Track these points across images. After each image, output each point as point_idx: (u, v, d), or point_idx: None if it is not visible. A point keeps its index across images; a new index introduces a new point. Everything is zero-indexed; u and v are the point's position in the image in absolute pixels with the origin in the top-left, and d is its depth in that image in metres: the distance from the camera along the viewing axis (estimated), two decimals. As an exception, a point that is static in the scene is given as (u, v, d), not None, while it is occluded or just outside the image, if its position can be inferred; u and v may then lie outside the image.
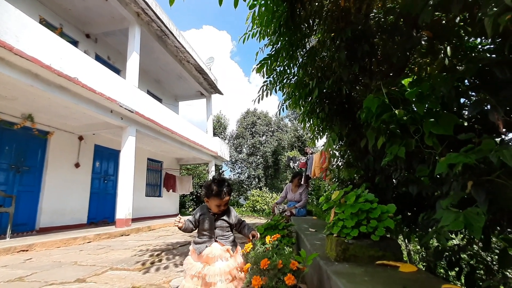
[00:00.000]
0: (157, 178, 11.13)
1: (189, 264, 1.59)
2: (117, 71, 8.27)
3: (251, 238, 1.64)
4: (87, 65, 5.14)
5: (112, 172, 8.27)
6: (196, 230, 1.73)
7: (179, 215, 1.67)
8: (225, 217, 1.69)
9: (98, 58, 7.66)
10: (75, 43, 7.11)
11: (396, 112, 1.40)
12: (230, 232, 1.71)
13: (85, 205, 7.15)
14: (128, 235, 5.67)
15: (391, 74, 2.02)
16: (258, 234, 1.66)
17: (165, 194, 11.34)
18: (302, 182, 5.30)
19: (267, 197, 14.59)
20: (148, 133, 7.24)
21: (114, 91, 5.71)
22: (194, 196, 14.90)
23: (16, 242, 3.97)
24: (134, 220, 7.29)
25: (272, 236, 1.88)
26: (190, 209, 14.59)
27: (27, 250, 3.81)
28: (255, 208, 14.06)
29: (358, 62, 2.09)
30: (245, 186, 20.65)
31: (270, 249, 1.65)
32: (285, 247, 1.71)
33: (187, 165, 14.35)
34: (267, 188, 17.75)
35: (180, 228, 1.66)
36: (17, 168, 5.62)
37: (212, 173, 11.91)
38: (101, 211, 7.69)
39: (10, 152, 5.54)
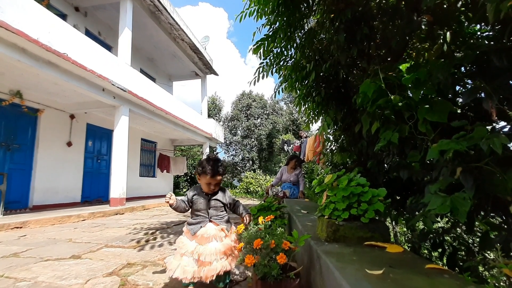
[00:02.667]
0: (151, 159, 11.11)
1: (180, 243, 1.58)
2: (108, 47, 7.99)
3: (245, 220, 1.66)
4: (77, 40, 4.94)
5: (105, 152, 8.21)
6: (190, 211, 1.73)
7: (170, 192, 1.66)
8: (219, 197, 1.69)
9: (88, 34, 7.36)
10: (63, 16, 6.78)
11: (392, 97, 1.40)
12: (224, 212, 1.72)
13: (78, 184, 7.14)
14: (122, 214, 5.73)
15: (389, 58, 2.00)
16: (250, 218, 1.71)
17: (159, 174, 11.37)
18: (297, 165, 5.36)
19: (261, 179, 14.79)
20: (141, 113, 7.13)
21: (106, 68, 5.54)
22: (188, 177, 15.00)
23: (9, 219, 3.98)
24: (129, 199, 7.34)
25: (265, 217, 1.92)
26: (184, 190, 14.73)
27: (21, 227, 3.84)
28: (249, 190, 14.28)
29: (357, 46, 2.06)
30: (239, 168, 20.82)
31: (263, 229, 1.69)
32: (278, 228, 1.75)
33: (181, 146, 14.32)
34: (261, 171, 17.96)
35: (171, 206, 1.64)
36: (7, 146, 5.53)
37: (206, 155, 11.93)
38: (95, 190, 7.71)
39: (-1, 129, 5.42)
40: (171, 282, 1.74)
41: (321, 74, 2.61)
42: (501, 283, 0.95)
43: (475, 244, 1.65)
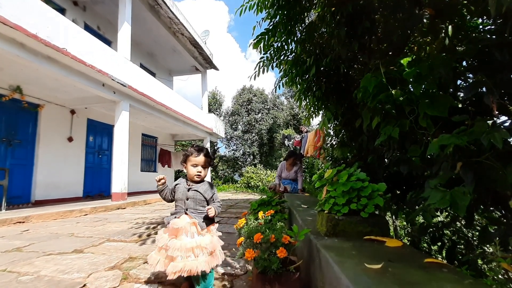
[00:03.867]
0: (152, 154, 11.14)
1: (158, 236, 1.51)
2: (108, 42, 7.93)
3: (206, 211, 1.50)
4: (76, 35, 4.91)
5: (106, 147, 8.23)
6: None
7: (164, 175, 1.63)
8: (199, 188, 1.57)
9: (87, 28, 7.32)
10: (62, 10, 6.72)
11: (392, 92, 1.39)
12: (205, 209, 1.55)
13: (80, 179, 7.18)
14: (124, 208, 5.77)
15: (390, 53, 1.98)
16: (214, 212, 1.51)
17: (160, 169, 11.41)
18: (296, 161, 5.37)
19: (261, 174, 14.81)
20: (142, 108, 7.12)
21: (106, 63, 5.51)
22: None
23: (12, 214, 4.01)
24: (130, 194, 7.38)
25: (266, 212, 1.94)
26: (185, 185, 14.78)
27: (23, 222, 3.87)
28: (250, 185, 14.32)
29: (358, 40, 2.04)
30: (240, 163, 20.86)
31: (263, 224, 1.70)
32: (278, 223, 1.76)
33: (182, 141, 14.33)
34: (262, 165, 17.99)
35: (158, 188, 1.61)
36: (9, 141, 5.55)
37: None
38: (97, 184, 7.75)
39: (0, 125, 5.43)
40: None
41: (322, 68, 2.60)
42: (499, 277, 0.96)
43: (474, 238, 1.66)
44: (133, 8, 6.81)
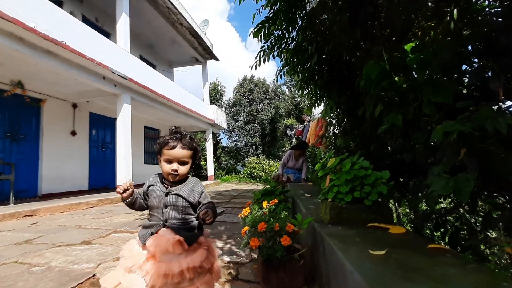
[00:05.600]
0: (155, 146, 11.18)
1: (127, 251, 1.13)
2: (106, 34, 7.85)
3: (201, 216, 1.10)
4: (74, 28, 4.85)
5: (109, 140, 8.28)
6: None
7: (129, 180, 1.22)
8: (181, 192, 1.16)
9: (85, 20, 7.22)
10: (59, 3, 6.62)
11: (396, 79, 1.37)
12: (192, 217, 1.18)
13: (85, 172, 7.26)
14: (129, 201, 5.84)
15: (393, 38, 1.94)
16: (212, 215, 1.11)
17: (164, 161, 11.47)
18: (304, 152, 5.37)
19: (264, 164, 14.88)
20: (143, 100, 7.10)
21: (106, 56, 5.47)
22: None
23: (20, 208, 4.09)
24: (135, 186, 7.44)
25: (270, 201, 1.95)
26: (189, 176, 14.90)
27: (31, 215, 3.95)
28: (253, 175, 14.40)
29: (360, 26, 1.99)
30: (242, 154, 20.91)
31: (267, 213, 1.72)
32: (282, 212, 1.78)
33: (184, 133, 14.32)
34: (264, 156, 18.02)
35: (124, 201, 1.18)
36: (13, 136, 5.59)
37: (210, 141, 11.98)
38: (102, 177, 7.83)
39: (3, 120, 5.47)
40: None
41: (324, 56, 2.56)
42: (502, 261, 0.97)
43: (478, 224, 1.67)
44: (131, -2, 6.69)
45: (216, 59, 12.13)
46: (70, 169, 6.78)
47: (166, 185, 1.21)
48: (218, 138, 19.55)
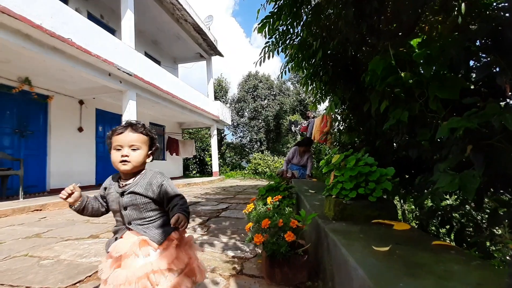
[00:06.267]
0: (160, 142, 11.27)
1: (102, 264, 1.05)
2: (112, 31, 7.88)
3: (174, 223, 0.94)
4: (80, 24, 4.88)
5: (115, 137, 8.36)
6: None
7: (73, 184, 1.06)
8: (137, 189, 1.04)
9: (90, 17, 7.26)
10: (65, 0, 6.66)
11: (402, 74, 1.36)
12: (158, 212, 1.07)
13: (92, 168, 7.37)
14: (135, 196, 5.92)
15: (400, 33, 1.91)
16: (183, 218, 0.97)
17: (169, 157, 11.58)
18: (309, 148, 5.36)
19: (269, 160, 14.89)
20: (148, 97, 7.15)
21: (111, 53, 5.50)
22: (197, 160, 15.22)
23: (29, 203, 4.18)
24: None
25: (274, 197, 1.97)
26: (194, 172, 15.00)
27: (40, 210, 4.03)
28: (257, 171, 14.44)
29: (366, 21, 1.97)
30: (247, 150, 20.95)
31: (271, 209, 1.73)
32: (286, 208, 1.79)
33: (189, 129, 14.42)
34: (269, 152, 18.03)
35: (72, 207, 1.05)
36: (21, 133, 5.69)
37: (214, 137, 12.02)
38: (109, 173, 7.78)
39: (11, 116, 5.56)
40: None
41: (329, 52, 2.54)
42: (507, 258, 0.96)
43: (484, 221, 1.66)
44: (135, -6, 6.70)
45: (221, 55, 12.11)
46: (77, 165, 6.88)
47: (121, 184, 1.09)
48: (222, 134, 19.60)
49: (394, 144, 2.15)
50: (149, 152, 1.13)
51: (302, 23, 2.84)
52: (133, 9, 6.47)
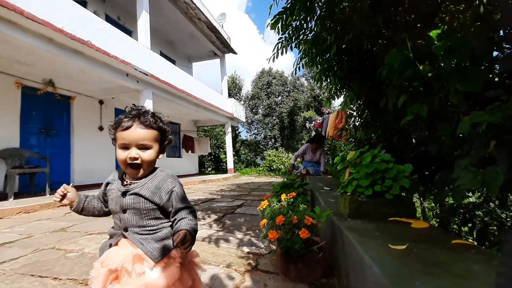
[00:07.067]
0: (175, 140, 11.51)
1: (95, 271, 0.89)
2: (128, 32, 8.08)
3: (178, 241, 0.80)
4: (98, 27, 5.05)
5: (133, 135, 8.63)
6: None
7: (64, 184, 0.98)
8: (142, 191, 0.90)
9: (108, 19, 7.47)
10: (83, 3, 6.90)
11: (420, 68, 1.31)
12: (160, 222, 0.92)
13: (112, 166, 7.65)
14: (153, 192, 6.10)
15: (418, 25, 1.84)
16: (188, 236, 0.82)
17: (185, 155, 11.80)
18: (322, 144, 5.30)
19: (283, 157, 14.86)
20: (164, 96, 7.30)
21: (128, 53, 5.66)
22: (212, 157, 15.42)
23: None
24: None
25: (288, 194, 1.97)
26: (209, 169, 15.21)
27: (65, 205, 4.24)
28: (272, 168, 14.44)
29: (382, 13, 1.91)
30: (261, 147, 20.99)
31: (286, 206, 1.73)
32: (300, 205, 1.79)
33: (204, 127, 14.62)
34: (283, 148, 17.98)
35: (71, 208, 0.99)
36: (47, 132, 5.99)
37: (229, 134, 12.12)
38: (127, 171, 8.21)
39: (38, 117, 5.86)
40: (200, 254, 1.86)
41: (343, 46, 2.48)
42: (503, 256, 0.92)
43: (508, 219, 1.58)
44: (150, -5, 6.83)
45: (234, 52, 12.14)
46: (98, 162, 7.17)
47: (125, 182, 0.95)
48: (237, 132, 19.72)
49: (413, 140, 2.09)
50: (161, 148, 0.97)
51: (315, 17, 2.79)
52: (148, 10, 6.60)
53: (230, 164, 12.05)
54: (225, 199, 4.49)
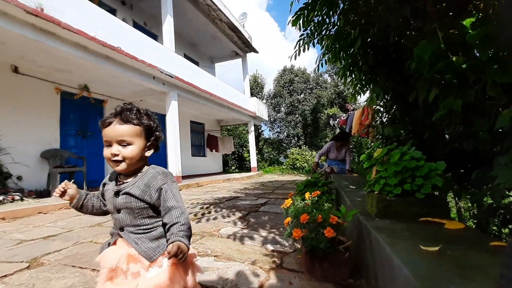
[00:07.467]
0: (200, 140, 11.81)
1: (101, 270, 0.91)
2: (154, 36, 8.42)
3: (171, 255, 0.76)
4: (127, 33, 5.32)
5: (160, 135, 9.00)
6: None
7: (65, 181, 0.98)
8: (132, 189, 0.89)
9: (135, 25, 7.84)
10: (113, 11, 7.30)
11: (453, 59, 1.24)
12: (155, 220, 0.91)
13: (141, 165, 8.04)
14: (180, 190, 6.30)
15: (450, 13, 1.73)
16: (184, 253, 0.79)
17: (209, 154, 12.08)
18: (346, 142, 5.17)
19: (307, 155, 14.67)
20: (188, 96, 7.52)
21: (154, 57, 5.90)
22: (236, 155, 15.61)
23: (92, 196, 4.72)
24: (184, 177, 8.02)
25: (312, 193, 1.94)
26: (233, 167, 15.42)
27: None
28: (295, 166, 14.32)
29: (410, 2, 1.82)
30: (284, 145, 20.88)
31: (310, 204, 1.72)
32: (325, 203, 1.76)
33: (227, 126, 14.84)
34: (307, 147, 17.74)
35: (73, 206, 0.98)
36: (83, 134, 6.43)
37: (252, 133, 12.20)
38: (155, 170, 8.57)
39: (75, 120, 6.31)
40: (225, 251, 1.90)
41: (368, 40, 2.40)
42: None
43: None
44: (174, 0, 7.05)
45: (255, 51, 12.17)
46: (129, 162, 7.56)
47: (119, 182, 0.95)
48: (260, 130, 19.78)
49: (446, 136, 1.97)
50: (148, 143, 0.95)
51: (338, 11, 2.71)
52: (172, 14, 6.83)
53: (253, 163, 12.13)
54: (249, 197, 4.54)
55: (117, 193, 0.91)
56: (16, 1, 3.40)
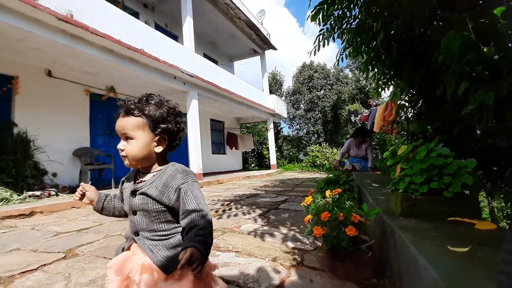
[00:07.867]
0: (220, 137, 11.98)
1: (110, 275, 0.81)
2: (174, 37, 8.63)
3: (180, 265, 0.65)
4: (149, 35, 5.50)
5: (182, 134, 9.25)
6: None
7: (82, 183, 0.94)
8: (150, 189, 0.80)
9: (157, 27, 8.09)
10: (136, 14, 7.57)
11: (484, 50, 1.17)
12: (174, 226, 0.82)
13: (164, 163, 8.32)
14: (201, 187, 6.41)
15: (480, 2, 1.62)
16: (199, 262, 0.67)
17: (229, 151, 12.23)
18: (366, 138, 5.02)
19: (327, 152, 14.43)
20: (208, 95, 7.65)
21: (175, 57, 6.07)
22: (255, 153, 15.68)
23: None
24: (205, 174, 8.20)
25: (333, 190, 1.92)
26: (253, 165, 15.51)
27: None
28: (315, 164, 14.14)
29: (437, -8, 1.73)
30: (304, 142, 20.64)
31: (331, 202, 1.70)
32: (346, 201, 1.74)
33: (246, 124, 14.94)
34: (327, 144, 17.43)
35: (96, 209, 0.93)
36: (110, 133, 6.76)
37: (271, 130, 12.18)
38: (177, 167, 8.84)
39: (103, 120, 6.65)
40: (246, 247, 1.94)
41: (392, 32, 2.31)
42: None
43: None
44: (193, 1, 7.18)
45: (274, 48, 12.11)
46: (152, 160, 7.85)
47: (137, 180, 0.87)
48: (279, 128, 19.70)
49: (477, 131, 1.86)
50: (157, 138, 0.82)
51: (360, 4, 2.64)
52: (192, 15, 6.96)
53: (273, 160, 12.13)
54: (269, 194, 4.55)
55: (133, 193, 0.82)
56: (48, 9, 3.63)
